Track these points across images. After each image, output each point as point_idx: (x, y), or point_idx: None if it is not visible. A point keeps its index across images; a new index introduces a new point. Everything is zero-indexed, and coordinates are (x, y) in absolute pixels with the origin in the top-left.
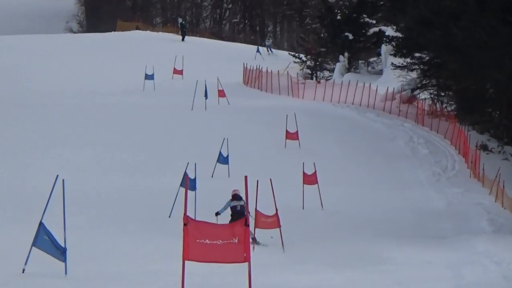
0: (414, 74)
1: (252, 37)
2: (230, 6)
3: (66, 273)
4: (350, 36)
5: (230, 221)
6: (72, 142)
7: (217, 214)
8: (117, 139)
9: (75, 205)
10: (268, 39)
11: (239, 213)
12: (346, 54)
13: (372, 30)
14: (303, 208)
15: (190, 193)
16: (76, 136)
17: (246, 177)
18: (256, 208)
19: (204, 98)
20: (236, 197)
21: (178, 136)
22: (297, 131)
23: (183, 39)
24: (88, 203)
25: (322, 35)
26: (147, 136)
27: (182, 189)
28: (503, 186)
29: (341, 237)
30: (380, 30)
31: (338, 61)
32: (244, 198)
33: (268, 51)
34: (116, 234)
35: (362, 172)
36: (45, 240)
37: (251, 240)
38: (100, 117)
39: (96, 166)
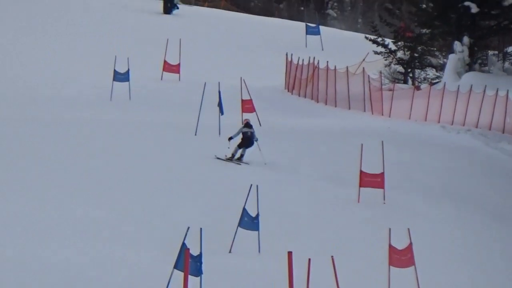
0: None
1: (302, 8)
2: None
3: None
4: (474, 8)
5: (239, 145)
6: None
7: (230, 138)
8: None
9: None
10: None
11: (248, 139)
12: (466, 39)
13: None
14: None
15: (193, 279)
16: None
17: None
18: None
19: (219, 113)
20: (247, 124)
21: (170, 181)
22: (382, 173)
23: (168, 11)
24: None
25: (424, 6)
26: (120, 184)
27: (178, 273)
28: None
29: None
30: None
31: (451, 51)
32: None
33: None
34: None
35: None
36: None
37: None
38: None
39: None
